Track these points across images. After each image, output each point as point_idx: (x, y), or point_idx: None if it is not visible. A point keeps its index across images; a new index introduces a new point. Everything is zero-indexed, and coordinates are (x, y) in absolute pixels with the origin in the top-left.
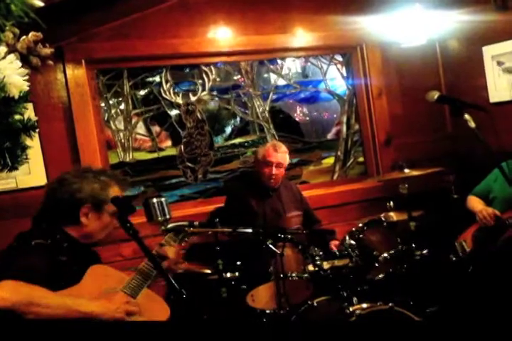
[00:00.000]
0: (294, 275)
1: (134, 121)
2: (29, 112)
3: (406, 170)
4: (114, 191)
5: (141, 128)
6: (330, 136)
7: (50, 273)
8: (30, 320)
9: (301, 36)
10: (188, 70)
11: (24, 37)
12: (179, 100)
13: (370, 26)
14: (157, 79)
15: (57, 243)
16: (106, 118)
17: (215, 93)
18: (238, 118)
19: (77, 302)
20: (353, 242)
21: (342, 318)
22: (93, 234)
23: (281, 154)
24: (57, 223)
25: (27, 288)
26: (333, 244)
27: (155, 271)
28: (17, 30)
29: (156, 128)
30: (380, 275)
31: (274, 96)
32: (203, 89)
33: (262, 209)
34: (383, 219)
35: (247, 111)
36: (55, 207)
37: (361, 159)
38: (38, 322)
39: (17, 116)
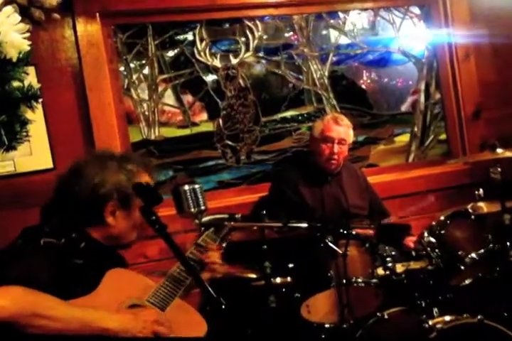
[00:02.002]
0: (359, 280)
1: (160, 89)
2: (30, 78)
3: (499, 150)
4: (144, 181)
5: (169, 98)
6: (404, 107)
7: (61, 279)
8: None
9: None
10: (227, 26)
11: None
12: (217, 63)
13: None
14: (189, 37)
15: (72, 243)
16: (126, 86)
17: (261, 54)
18: (290, 86)
19: (92, 315)
20: (432, 240)
21: (420, 334)
22: (122, 235)
23: (343, 128)
24: (75, 221)
25: (31, 296)
26: (410, 240)
27: (190, 277)
28: None
29: (188, 98)
30: (467, 281)
31: (335, 58)
32: (247, 50)
33: (320, 198)
34: (470, 211)
35: (301, 77)
36: (72, 205)
37: (443, 136)
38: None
39: (15, 83)
